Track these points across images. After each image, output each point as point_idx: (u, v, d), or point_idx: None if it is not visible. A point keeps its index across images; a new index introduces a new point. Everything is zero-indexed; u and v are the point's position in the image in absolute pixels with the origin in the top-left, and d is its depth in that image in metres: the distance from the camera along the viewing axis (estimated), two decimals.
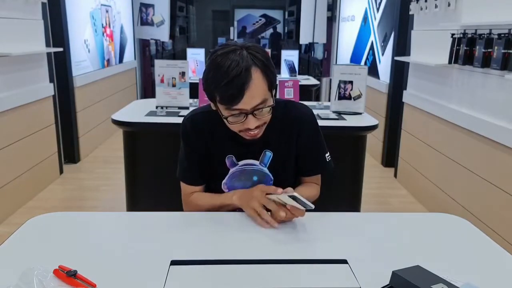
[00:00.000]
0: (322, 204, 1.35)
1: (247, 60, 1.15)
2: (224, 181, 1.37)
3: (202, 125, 1.35)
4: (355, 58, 5.39)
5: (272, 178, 1.36)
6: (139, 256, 1.01)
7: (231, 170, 1.36)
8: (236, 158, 1.35)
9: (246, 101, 1.15)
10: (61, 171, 3.85)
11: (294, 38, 9.33)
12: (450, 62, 2.82)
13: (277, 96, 1.50)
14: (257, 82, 1.15)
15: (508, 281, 0.95)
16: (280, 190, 1.15)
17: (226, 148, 1.35)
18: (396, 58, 3.83)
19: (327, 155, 1.40)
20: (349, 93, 2.75)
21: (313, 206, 1.09)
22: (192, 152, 1.37)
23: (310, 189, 1.41)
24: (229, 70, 1.13)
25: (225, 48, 1.17)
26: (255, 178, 1.35)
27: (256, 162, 1.35)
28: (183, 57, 4.88)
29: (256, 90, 1.15)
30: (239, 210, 1.27)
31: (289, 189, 1.18)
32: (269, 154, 1.35)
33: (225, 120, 1.22)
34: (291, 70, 4.95)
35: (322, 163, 1.41)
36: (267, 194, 1.18)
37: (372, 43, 4.81)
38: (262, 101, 1.18)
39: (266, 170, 1.35)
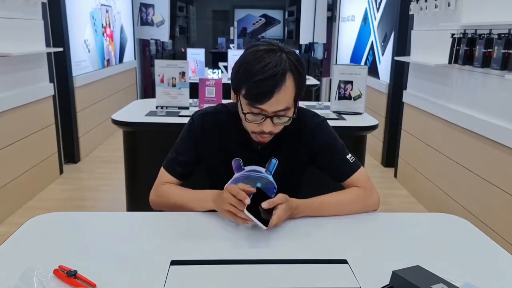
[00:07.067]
0: None
1: (285, 63, 1.15)
2: (227, 184, 1.34)
3: (212, 125, 1.34)
4: (355, 58, 5.39)
5: (276, 186, 1.33)
6: (139, 256, 1.01)
7: (236, 175, 1.33)
8: (242, 162, 1.34)
9: (272, 104, 1.15)
10: (61, 171, 3.85)
11: (294, 38, 9.33)
12: (450, 62, 2.82)
13: None
14: (287, 88, 1.15)
15: (508, 281, 0.95)
16: (248, 199, 1.09)
17: (233, 151, 1.34)
18: (396, 58, 3.83)
19: (348, 156, 1.34)
20: (349, 93, 2.75)
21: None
22: (189, 149, 1.35)
23: (346, 192, 1.32)
24: (266, 69, 1.13)
25: (266, 46, 1.17)
26: (258, 184, 1.32)
27: (262, 169, 1.33)
28: (183, 57, 4.87)
29: (284, 96, 1.16)
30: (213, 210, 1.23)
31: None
32: (274, 161, 1.33)
33: (242, 116, 1.21)
34: None
35: (345, 164, 1.34)
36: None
37: (372, 43, 4.81)
38: (285, 108, 1.18)
39: (270, 177, 1.33)
